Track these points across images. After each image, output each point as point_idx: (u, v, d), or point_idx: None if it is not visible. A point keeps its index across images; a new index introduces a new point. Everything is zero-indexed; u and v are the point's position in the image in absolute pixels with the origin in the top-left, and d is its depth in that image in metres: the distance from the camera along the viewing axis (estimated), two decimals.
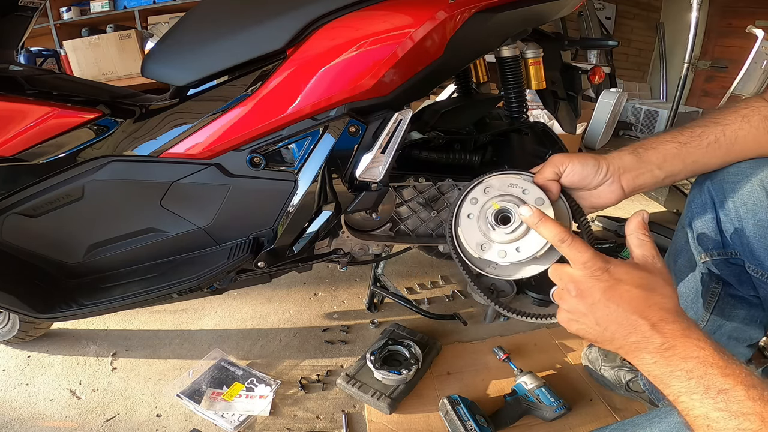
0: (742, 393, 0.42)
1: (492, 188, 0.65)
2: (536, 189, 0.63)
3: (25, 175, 0.89)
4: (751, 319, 0.77)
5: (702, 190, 0.71)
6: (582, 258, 0.52)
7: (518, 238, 0.62)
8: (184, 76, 0.88)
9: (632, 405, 1.09)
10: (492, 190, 0.65)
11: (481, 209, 0.65)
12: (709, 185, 0.70)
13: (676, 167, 0.63)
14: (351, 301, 1.50)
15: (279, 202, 0.92)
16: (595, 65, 1.23)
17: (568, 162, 0.62)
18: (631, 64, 4.48)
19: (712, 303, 0.77)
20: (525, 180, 0.65)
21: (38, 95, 0.89)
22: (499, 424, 1.02)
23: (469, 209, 0.66)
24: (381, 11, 0.82)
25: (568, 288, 0.53)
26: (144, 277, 0.99)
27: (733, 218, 0.67)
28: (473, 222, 0.65)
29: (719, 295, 0.76)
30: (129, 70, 3.14)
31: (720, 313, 0.77)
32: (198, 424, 1.05)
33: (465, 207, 0.66)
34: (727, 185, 0.67)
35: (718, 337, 0.79)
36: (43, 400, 1.12)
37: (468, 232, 0.65)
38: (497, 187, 0.65)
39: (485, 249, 0.64)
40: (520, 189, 0.64)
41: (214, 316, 1.42)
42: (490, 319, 1.39)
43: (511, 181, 0.65)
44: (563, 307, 0.55)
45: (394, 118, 0.87)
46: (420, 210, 1.19)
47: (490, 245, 0.64)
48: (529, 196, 0.63)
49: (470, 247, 0.64)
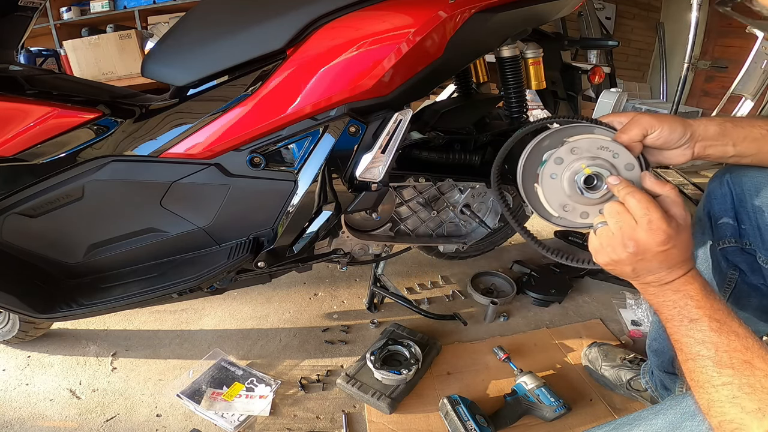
0: (706, 324, 0.51)
1: (580, 150, 0.63)
2: (626, 153, 0.62)
3: (25, 175, 0.89)
4: (762, 310, 0.80)
5: (722, 182, 0.74)
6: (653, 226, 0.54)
7: (603, 202, 0.61)
8: (184, 76, 0.88)
9: (632, 405, 1.09)
10: (580, 151, 0.63)
11: (569, 171, 0.63)
12: (728, 178, 0.74)
13: (749, 150, 0.65)
14: (351, 301, 1.50)
15: (279, 202, 0.92)
16: (595, 65, 1.23)
17: (658, 126, 0.62)
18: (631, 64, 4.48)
19: (728, 290, 0.79)
20: (614, 143, 0.62)
21: (38, 95, 0.89)
22: (499, 424, 1.02)
23: (552, 169, 0.63)
24: (381, 11, 0.82)
25: (625, 243, 0.55)
26: (144, 277, 0.99)
27: (749, 210, 0.71)
28: (556, 182, 0.63)
29: (736, 282, 0.78)
30: (129, 70, 3.14)
31: (735, 301, 0.79)
32: (198, 424, 1.05)
33: (548, 166, 0.64)
34: (746, 179, 0.71)
35: None
36: (43, 400, 1.12)
37: (550, 192, 0.64)
38: (586, 149, 0.63)
39: (567, 210, 0.63)
40: (610, 152, 0.62)
41: (214, 316, 1.42)
42: (490, 319, 1.39)
43: (601, 144, 0.62)
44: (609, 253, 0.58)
45: (394, 118, 0.87)
46: (420, 210, 1.19)
47: (573, 207, 0.63)
48: (619, 161, 0.62)
49: (551, 207, 0.64)
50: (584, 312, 1.44)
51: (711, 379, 0.50)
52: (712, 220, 0.78)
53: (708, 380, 0.51)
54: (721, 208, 0.75)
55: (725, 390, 0.49)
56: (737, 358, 0.50)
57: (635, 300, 1.43)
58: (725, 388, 0.49)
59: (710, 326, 0.51)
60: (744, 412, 0.48)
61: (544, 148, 0.68)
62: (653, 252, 0.54)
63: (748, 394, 0.48)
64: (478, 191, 1.21)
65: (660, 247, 0.54)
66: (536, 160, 0.68)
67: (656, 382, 1.01)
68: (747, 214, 0.72)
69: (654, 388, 1.03)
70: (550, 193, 0.64)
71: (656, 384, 1.02)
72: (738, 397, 0.48)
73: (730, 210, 0.74)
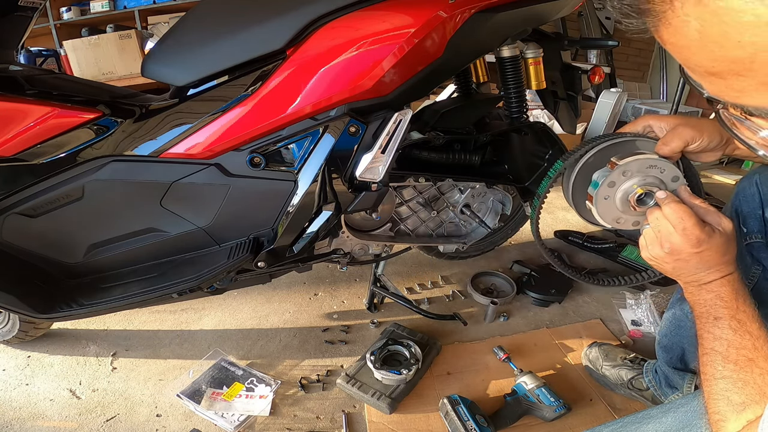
0: (727, 323, 0.56)
1: (631, 172, 0.67)
2: (671, 167, 0.66)
3: (25, 175, 0.89)
4: None
5: (751, 182, 0.78)
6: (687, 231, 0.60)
7: None
8: (184, 76, 0.88)
9: (632, 405, 1.09)
10: (631, 173, 0.67)
11: (622, 192, 0.68)
12: (758, 179, 0.77)
13: None
14: (351, 301, 1.50)
15: (279, 202, 0.92)
16: (595, 65, 1.23)
17: (699, 138, 0.66)
18: (631, 64, 4.48)
19: (750, 285, 0.80)
20: (661, 160, 0.67)
21: (38, 95, 0.89)
22: (499, 424, 1.02)
23: (605, 192, 0.69)
24: (381, 11, 0.82)
25: (662, 244, 0.61)
26: (144, 277, 0.99)
27: None
28: (610, 203, 0.69)
29: (759, 277, 0.79)
30: (129, 70, 3.13)
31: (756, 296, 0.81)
32: (198, 424, 1.05)
33: (601, 190, 0.69)
34: None
35: None
36: (43, 400, 1.12)
37: (605, 211, 0.70)
38: (636, 170, 0.67)
39: (620, 222, 0.70)
40: (658, 169, 0.67)
41: (214, 316, 1.42)
42: (490, 319, 1.39)
43: (651, 163, 0.67)
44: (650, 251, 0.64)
45: (394, 118, 0.87)
46: (420, 210, 1.19)
47: (626, 219, 0.69)
48: (665, 175, 0.67)
49: (604, 221, 0.70)
50: (584, 312, 1.44)
51: (715, 372, 0.54)
52: (740, 217, 0.81)
53: (713, 373, 0.54)
54: (749, 206, 0.78)
55: (722, 383, 0.52)
56: (743, 355, 0.52)
57: (635, 300, 1.43)
58: (723, 381, 0.52)
59: (730, 324, 0.55)
60: (729, 405, 0.51)
61: (590, 164, 0.73)
62: (687, 253, 0.59)
63: (740, 389, 0.51)
64: (478, 191, 1.21)
65: (693, 248, 0.58)
66: (586, 179, 0.73)
67: (660, 381, 1.02)
68: None
69: (657, 387, 1.03)
70: (604, 211, 0.70)
71: (660, 382, 1.02)
72: (729, 390, 0.52)
73: (758, 208, 0.77)
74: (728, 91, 0.31)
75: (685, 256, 0.60)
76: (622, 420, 0.68)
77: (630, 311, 1.41)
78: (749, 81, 0.29)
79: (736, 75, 0.29)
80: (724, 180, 2.63)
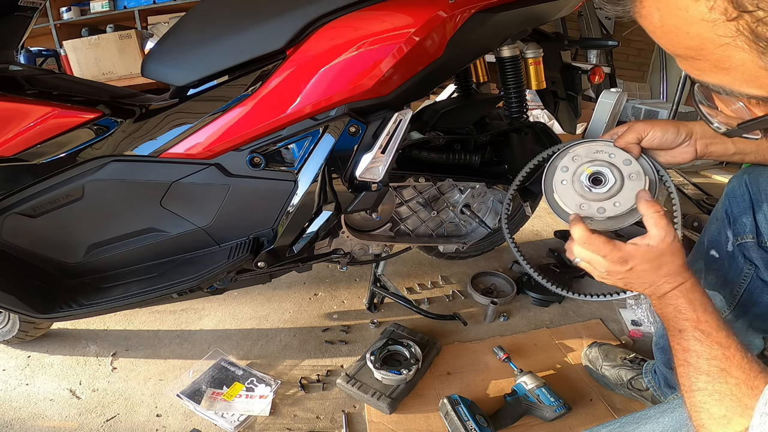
0: (691, 334, 0.57)
1: (579, 156, 0.72)
2: (621, 152, 0.71)
3: (25, 175, 0.89)
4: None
5: (741, 182, 0.79)
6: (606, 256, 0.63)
7: (614, 195, 0.69)
8: (184, 76, 0.88)
9: (632, 405, 1.09)
10: (580, 158, 0.72)
11: (574, 174, 0.72)
12: (747, 179, 0.78)
13: (748, 148, 0.71)
14: (351, 301, 1.50)
15: (279, 202, 0.92)
16: (595, 65, 1.23)
17: (650, 129, 0.70)
18: (631, 64, 4.48)
19: (743, 285, 0.81)
20: (608, 145, 0.72)
21: (38, 95, 0.89)
22: (499, 424, 1.02)
23: (561, 176, 0.72)
24: (381, 11, 0.82)
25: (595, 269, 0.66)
26: (144, 277, 0.99)
27: (765, 210, 0.75)
28: (567, 187, 0.72)
29: (752, 277, 0.79)
30: (129, 70, 3.14)
31: (748, 296, 0.81)
32: (198, 424, 1.05)
33: (557, 175, 0.72)
34: (762, 179, 0.75)
35: (739, 325, 0.84)
36: (43, 400, 1.12)
37: (565, 196, 0.72)
38: (585, 155, 0.72)
39: (584, 208, 0.71)
40: (606, 153, 0.71)
41: (214, 316, 1.42)
42: (490, 319, 1.39)
43: (597, 148, 0.72)
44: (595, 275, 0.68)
45: (394, 118, 0.87)
46: (420, 210, 1.19)
47: (588, 204, 0.70)
48: (616, 159, 0.70)
49: (569, 208, 0.71)
50: (584, 312, 1.44)
51: (691, 384, 0.55)
52: (730, 218, 0.81)
53: (689, 385, 0.55)
54: (739, 207, 0.79)
55: (699, 395, 0.53)
56: (715, 366, 0.53)
57: (635, 300, 1.43)
58: (700, 394, 0.53)
59: (694, 336, 0.57)
60: (711, 419, 0.51)
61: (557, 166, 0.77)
62: (620, 272, 0.63)
63: (717, 401, 0.51)
64: (478, 191, 1.21)
65: (622, 267, 0.62)
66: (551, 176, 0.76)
67: (659, 381, 1.02)
68: (764, 213, 0.75)
69: (656, 387, 1.03)
70: (564, 196, 0.72)
71: (659, 382, 1.02)
72: (707, 402, 0.52)
73: (748, 208, 0.78)
74: (691, 69, 0.36)
75: (622, 275, 0.63)
76: (620, 420, 0.68)
77: (630, 311, 1.41)
78: (703, 63, 0.33)
79: (693, 58, 0.34)
80: (724, 180, 2.64)
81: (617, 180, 0.69)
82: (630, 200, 0.69)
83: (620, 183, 0.69)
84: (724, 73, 0.33)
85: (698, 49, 0.32)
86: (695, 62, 0.34)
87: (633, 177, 0.69)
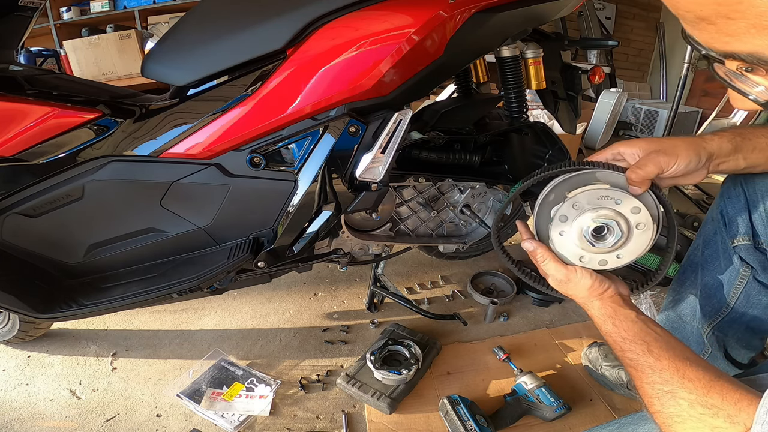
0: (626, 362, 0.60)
1: (580, 204, 0.64)
2: (628, 197, 0.62)
3: (25, 175, 0.89)
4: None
5: (736, 183, 0.78)
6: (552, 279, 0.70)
7: (619, 248, 0.64)
8: (184, 76, 0.88)
9: (632, 405, 1.09)
10: (581, 206, 0.64)
11: (575, 226, 0.64)
12: (742, 180, 0.77)
13: (759, 160, 0.68)
14: (351, 301, 1.50)
15: (279, 202, 0.92)
16: (595, 65, 1.23)
17: (674, 163, 0.62)
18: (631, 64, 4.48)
19: (740, 287, 0.80)
20: (614, 190, 0.63)
21: (38, 95, 0.89)
22: (499, 424, 1.02)
23: (560, 228, 0.65)
24: (381, 11, 0.82)
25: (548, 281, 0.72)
26: (144, 277, 0.99)
27: (761, 211, 0.74)
28: (566, 239, 0.66)
29: (748, 279, 0.79)
30: (129, 70, 3.13)
31: (746, 298, 0.80)
32: (198, 424, 1.05)
33: (554, 225, 0.66)
34: (758, 179, 0.75)
35: (737, 327, 0.83)
36: (43, 400, 1.12)
37: (563, 248, 0.66)
38: (587, 202, 0.63)
39: (584, 261, 0.66)
40: (612, 200, 0.63)
41: (214, 316, 1.42)
42: (490, 319, 1.39)
43: (601, 194, 0.63)
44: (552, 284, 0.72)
45: (394, 118, 0.87)
46: (420, 210, 1.19)
47: (589, 257, 0.66)
48: (623, 206, 0.62)
49: (567, 258, 0.67)
50: (584, 312, 1.42)
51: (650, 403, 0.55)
52: (725, 219, 0.80)
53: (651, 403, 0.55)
54: (734, 208, 0.78)
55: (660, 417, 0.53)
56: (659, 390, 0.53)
57: (635, 300, 1.43)
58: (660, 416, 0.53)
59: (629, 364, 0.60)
60: None
61: (551, 202, 0.68)
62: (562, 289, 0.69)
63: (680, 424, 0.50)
64: (478, 191, 1.21)
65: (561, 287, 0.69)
66: (545, 216, 0.68)
67: None
68: (759, 214, 0.75)
69: None
70: (563, 248, 0.67)
71: None
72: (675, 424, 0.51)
73: (744, 210, 0.77)
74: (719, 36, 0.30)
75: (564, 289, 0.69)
76: (619, 421, 0.68)
77: None
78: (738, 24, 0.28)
79: (725, 18, 0.28)
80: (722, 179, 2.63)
81: (624, 233, 0.62)
82: (634, 253, 0.64)
83: (626, 236, 0.63)
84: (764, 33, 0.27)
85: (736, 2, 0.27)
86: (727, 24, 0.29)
87: (641, 227, 0.63)
